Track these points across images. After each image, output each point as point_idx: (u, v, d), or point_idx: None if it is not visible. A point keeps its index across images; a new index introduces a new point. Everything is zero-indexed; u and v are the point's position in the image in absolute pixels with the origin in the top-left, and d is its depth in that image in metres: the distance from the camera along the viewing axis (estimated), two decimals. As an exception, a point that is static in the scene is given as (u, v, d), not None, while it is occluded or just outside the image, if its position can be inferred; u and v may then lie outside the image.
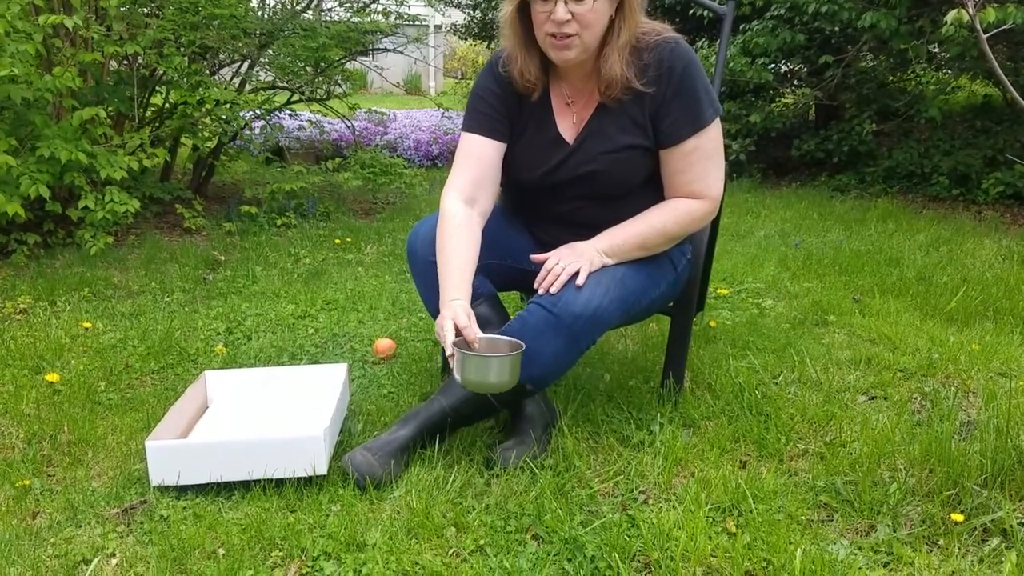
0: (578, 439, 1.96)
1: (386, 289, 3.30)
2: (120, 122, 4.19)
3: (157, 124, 4.56)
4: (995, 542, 1.55)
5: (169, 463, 1.72)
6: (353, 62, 5.58)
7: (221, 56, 4.82)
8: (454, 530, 1.60)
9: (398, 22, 5.46)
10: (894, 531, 1.59)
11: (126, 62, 4.31)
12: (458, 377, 1.68)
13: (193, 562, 1.50)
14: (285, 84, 5.06)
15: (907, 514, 1.65)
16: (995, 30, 2.32)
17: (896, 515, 1.64)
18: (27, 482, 1.77)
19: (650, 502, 1.71)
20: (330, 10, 5.44)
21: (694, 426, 2.05)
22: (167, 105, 4.61)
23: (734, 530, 1.59)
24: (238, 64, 5.04)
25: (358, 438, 1.98)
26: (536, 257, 1.87)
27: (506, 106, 1.93)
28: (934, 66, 6.33)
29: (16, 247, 3.59)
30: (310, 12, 5.21)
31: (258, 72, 5.10)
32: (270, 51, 4.74)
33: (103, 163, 3.53)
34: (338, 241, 4.14)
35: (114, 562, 1.51)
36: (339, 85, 5.43)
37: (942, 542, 1.56)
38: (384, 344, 2.59)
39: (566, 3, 1.71)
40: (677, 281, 2.05)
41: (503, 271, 2.03)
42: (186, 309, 3.03)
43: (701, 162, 1.86)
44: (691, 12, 6.09)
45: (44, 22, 3.34)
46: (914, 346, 2.60)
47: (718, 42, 2.48)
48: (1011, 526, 1.57)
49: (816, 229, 4.50)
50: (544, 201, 1.99)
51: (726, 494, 1.70)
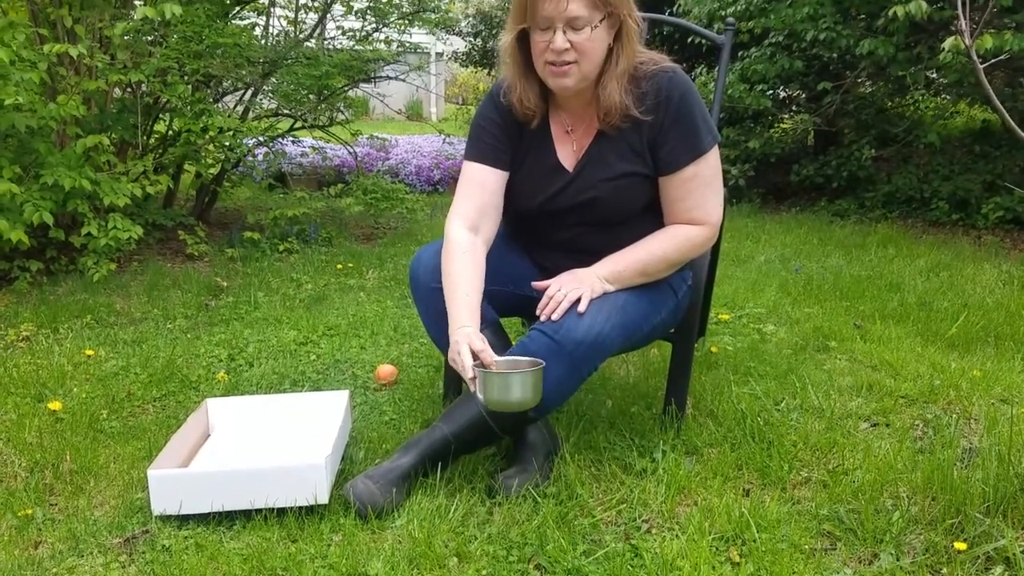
0: (580, 467, 1.96)
1: (388, 314, 3.31)
2: (124, 149, 4.22)
3: (160, 151, 4.60)
4: (999, 571, 1.54)
5: (171, 492, 1.72)
6: (355, 89, 5.63)
7: (225, 84, 4.86)
8: (456, 560, 1.59)
9: (400, 50, 5.51)
10: (897, 560, 1.58)
11: (130, 90, 4.34)
12: (481, 397, 1.70)
13: (194, 592, 1.50)
14: (288, 111, 5.11)
15: (910, 542, 1.65)
16: (993, 59, 2.35)
17: (899, 544, 1.64)
18: (29, 511, 1.77)
19: (653, 531, 1.71)
20: (333, 39, 5.50)
21: (697, 453, 2.05)
22: (170, 132, 4.65)
23: (738, 560, 1.58)
24: (242, 92, 5.08)
25: (360, 466, 1.98)
26: (537, 284, 1.88)
27: (507, 135, 1.96)
28: (932, 92, 6.37)
29: (19, 274, 3.61)
30: (313, 41, 5.27)
31: (261, 100, 5.14)
32: (273, 79, 4.78)
33: (106, 190, 3.55)
34: (340, 266, 4.16)
35: (115, 592, 1.51)
36: (341, 112, 5.47)
37: (945, 571, 1.55)
38: (386, 370, 2.59)
39: (564, 32, 1.74)
40: (678, 307, 2.05)
41: (505, 297, 2.04)
42: (188, 336, 3.03)
43: (700, 189, 1.88)
44: (689, 40, 6.15)
45: (49, 51, 3.38)
46: (915, 372, 2.60)
47: (716, 69, 2.50)
48: (1014, 554, 1.56)
49: (816, 254, 4.51)
50: (545, 228, 2.01)
51: (729, 523, 1.69)
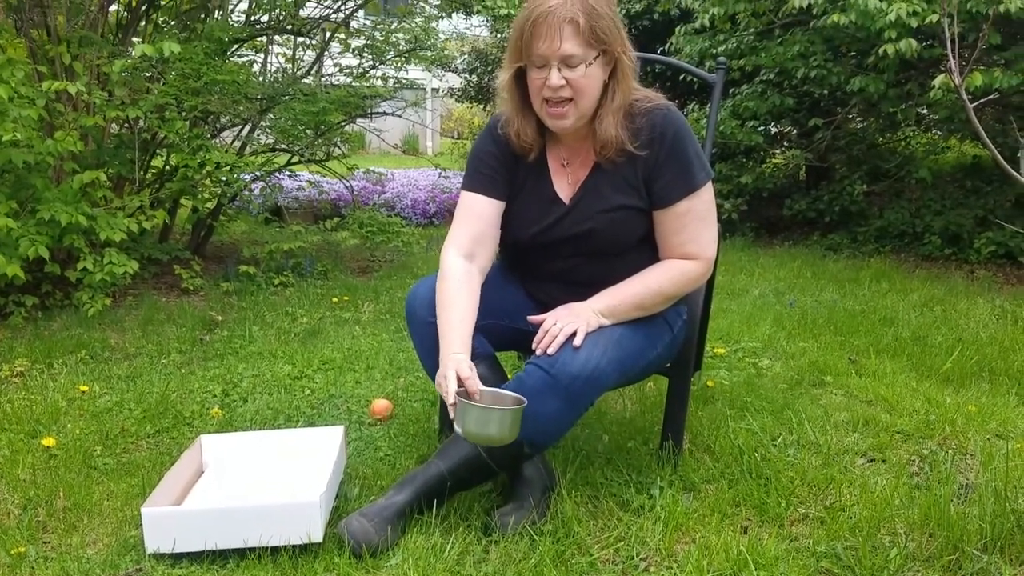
0: (577, 503, 1.95)
1: (383, 348, 3.30)
2: (120, 184, 4.24)
3: (157, 186, 4.61)
4: (999, 609, 1.53)
5: (164, 530, 1.70)
6: (352, 124, 5.67)
7: (223, 120, 4.90)
8: (452, 598, 1.58)
9: (396, 87, 5.57)
10: (896, 598, 1.58)
11: (127, 126, 4.37)
12: (459, 429, 1.68)
13: (187, 633, 1.48)
14: (285, 146, 5.14)
15: (909, 580, 1.64)
16: (984, 97, 2.39)
17: (898, 581, 1.63)
18: (22, 549, 1.75)
19: (651, 569, 1.70)
20: (331, 76, 5.55)
21: (694, 490, 2.04)
22: (167, 167, 4.67)
23: (735, 597, 1.57)
24: (239, 127, 5.11)
25: (354, 503, 1.97)
26: (533, 318, 1.89)
27: (504, 166, 1.98)
28: (923, 128, 6.45)
29: (14, 308, 3.60)
30: (311, 78, 5.32)
31: (259, 135, 5.18)
32: (271, 115, 4.82)
33: (103, 225, 3.56)
34: (335, 300, 4.16)
35: (107, 633, 1.49)
36: (338, 146, 5.51)
37: (945, 609, 1.55)
38: (381, 405, 2.58)
39: (560, 70, 1.77)
40: (674, 342, 2.06)
41: (500, 331, 2.05)
42: (182, 371, 3.02)
43: (694, 223, 1.90)
44: (681, 78, 6.23)
45: (48, 88, 3.40)
46: (911, 407, 2.61)
47: (708, 106, 2.53)
48: (1014, 592, 1.56)
49: (810, 288, 4.53)
50: (541, 260, 2.02)
51: (727, 560, 1.68)
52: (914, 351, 3.22)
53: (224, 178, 4.34)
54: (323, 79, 5.46)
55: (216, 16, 4.72)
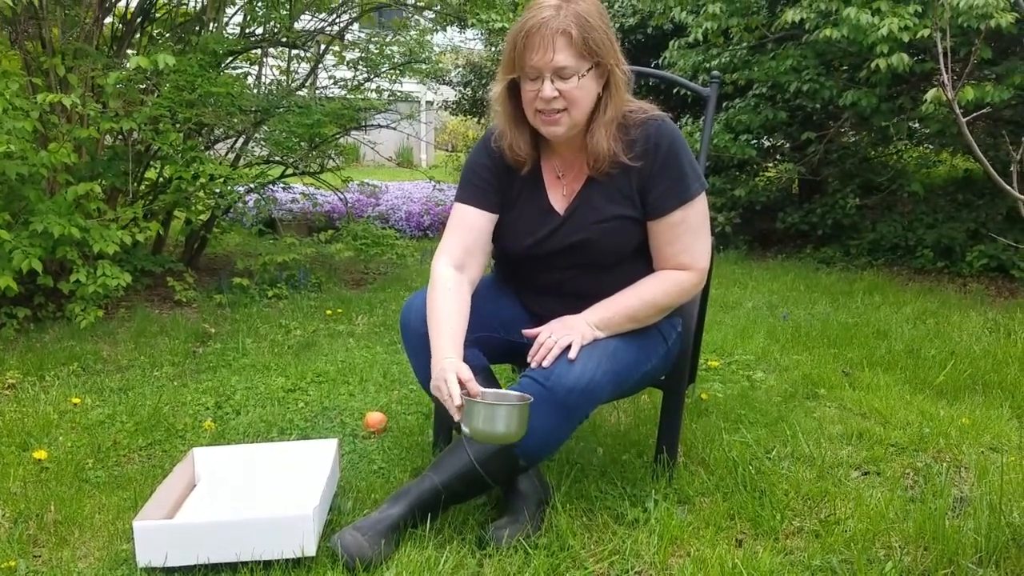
0: (572, 516, 1.94)
1: (377, 361, 3.30)
2: (114, 196, 4.23)
3: (151, 198, 4.60)
4: (994, 623, 1.53)
5: (156, 544, 1.69)
6: (346, 137, 5.68)
7: (217, 132, 4.90)
8: (446, 613, 1.57)
9: (391, 99, 5.58)
10: (892, 611, 1.57)
11: (121, 138, 4.37)
12: (465, 429, 1.68)
13: (179, 648, 1.47)
14: (280, 158, 5.14)
15: (904, 594, 1.64)
16: (976, 112, 2.40)
17: (893, 595, 1.62)
18: (12, 563, 1.74)
19: (645, 582, 1.69)
20: (325, 88, 5.56)
21: (689, 503, 2.04)
22: (161, 179, 4.67)
23: (731, 611, 1.57)
24: (234, 139, 5.11)
25: (348, 516, 1.95)
26: (528, 332, 1.88)
27: (497, 178, 1.99)
28: (915, 142, 6.48)
29: (6, 321, 3.58)
30: (305, 90, 5.33)
31: (253, 147, 5.18)
32: (265, 127, 4.83)
33: (96, 237, 3.55)
34: (329, 312, 4.15)
35: (97, 648, 1.48)
36: (332, 159, 5.51)
37: (941, 623, 1.54)
38: (375, 418, 2.57)
39: (552, 81, 1.77)
40: (668, 354, 2.06)
41: (495, 343, 2.04)
42: (175, 383, 3.01)
43: (688, 234, 1.90)
44: (675, 91, 6.25)
45: (42, 100, 3.40)
46: (905, 420, 2.61)
47: (702, 119, 2.55)
48: (1009, 606, 1.55)
49: (803, 301, 4.54)
50: (535, 271, 2.02)
51: (722, 574, 1.68)
52: (907, 364, 3.23)
53: (218, 190, 4.34)
54: (317, 91, 5.48)
55: (211, 28, 4.73)
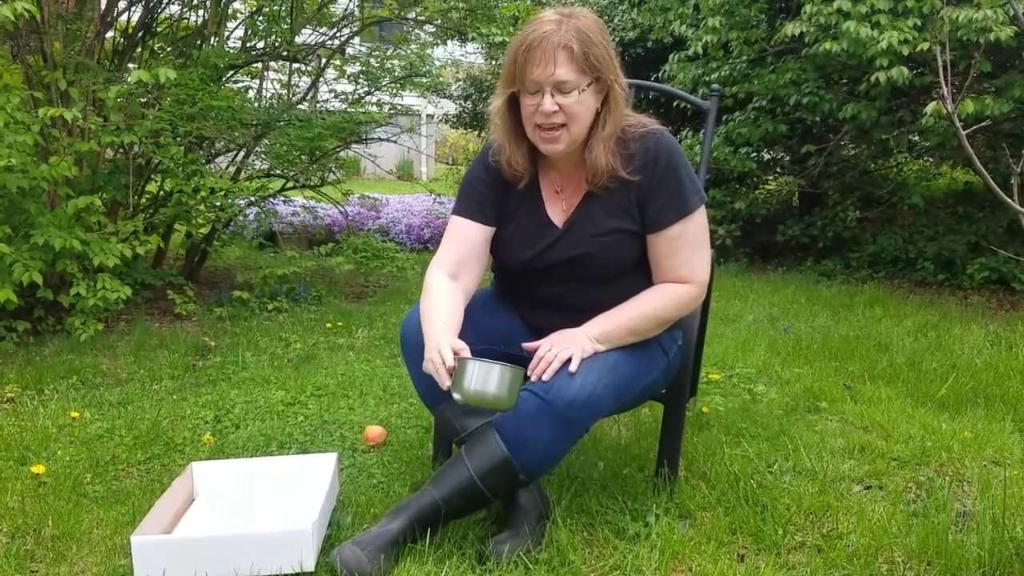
0: (573, 531, 1.93)
1: (377, 374, 3.29)
2: (114, 209, 4.23)
3: (151, 211, 4.61)
4: (998, 639, 1.52)
5: (155, 559, 1.68)
6: (347, 150, 5.69)
7: (218, 145, 4.91)
8: (446, 629, 1.56)
9: (392, 113, 5.59)
10: (895, 627, 1.56)
11: (122, 151, 4.37)
12: (456, 394, 1.69)
13: (176, 665, 1.45)
14: (280, 172, 5.15)
15: (908, 609, 1.62)
16: (976, 125, 2.41)
17: (897, 610, 1.61)
18: (7, 579, 1.73)
19: (646, 598, 1.68)
20: (326, 102, 5.57)
21: (690, 517, 2.03)
22: (162, 193, 4.67)
23: (733, 627, 1.56)
24: (235, 153, 5.12)
25: (347, 531, 1.94)
26: (528, 345, 1.88)
27: (494, 192, 2.00)
28: (915, 154, 6.49)
29: (5, 334, 3.57)
30: (306, 103, 5.34)
31: (254, 160, 5.19)
32: (266, 140, 4.83)
33: (96, 250, 3.55)
34: (329, 325, 4.14)
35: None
36: (333, 172, 5.52)
37: (945, 639, 1.53)
38: (374, 432, 2.56)
39: (552, 96, 1.78)
40: (669, 367, 2.05)
41: (495, 357, 2.03)
42: (174, 397, 3.00)
43: (687, 247, 1.90)
44: (675, 104, 6.27)
45: (44, 115, 3.40)
46: (907, 434, 2.60)
47: (702, 132, 2.55)
48: (1014, 622, 1.54)
49: (804, 314, 4.53)
50: (534, 285, 2.02)
51: (723, 589, 1.67)
52: (909, 377, 3.22)
53: (218, 203, 4.34)
54: (318, 105, 5.49)
55: (212, 42, 4.75)
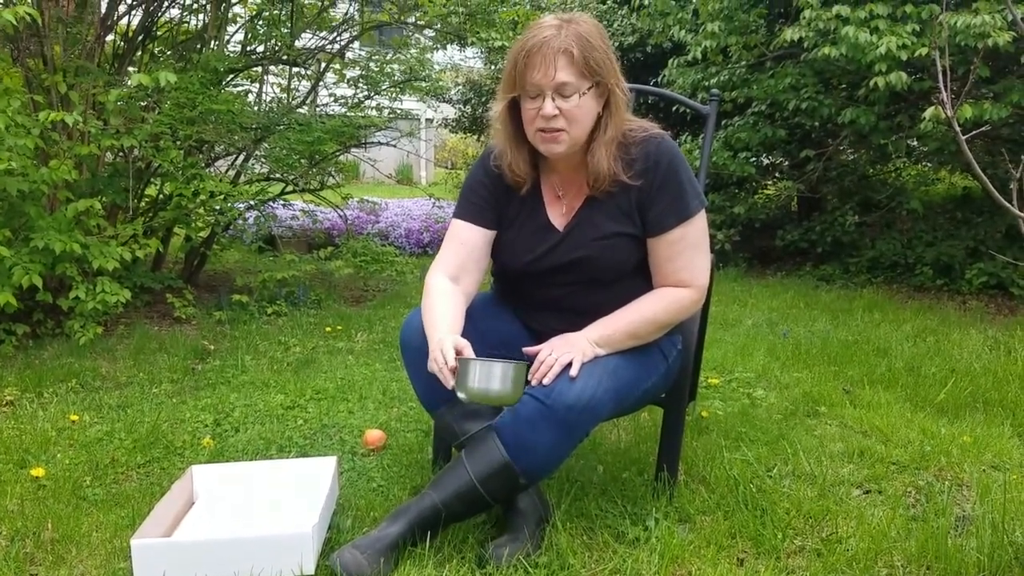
0: (572, 535, 1.93)
1: (377, 378, 3.29)
2: (114, 213, 4.23)
3: (151, 215, 4.61)
4: (998, 643, 1.52)
5: (154, 562, 1.68)
6: (347, 154, 5.69)
7: (217, 149, 4.91)
8: (446, 632, 1.56)
9: (391, 117, 5.60)
10: (895, 632, 1.56)
11: (122, 155, 4.37)
12: (461, 394, 1.70)
13: (176, 668, 1.45)
14: (280, 175, 5.15)
15: (907, 613, 1.62)
16: (974, 130, 2.41)
17: (896, 615, 1.61)
18: (7, 583, 1.73)
19: (646, 602, 1.68)
20: (326, 106, 5.58)
21: (690, 521, 2.03)
22: (161, 196, 4.67)
23: (732, 631, 1.56)
24: (234, 156, 5.13)
25: (347, 534, 1.94)
26: (529, 349, 1.89)
27: (495, 196, 2.01)
28: (913, 159, 6.50)
29: (5, 337, 3.57)
30: (306, 107, 5.35)
31: (253, 164, 5.19)
32: (266, 144, 4.84)
33: (96, 254, 3.55)
34: (329, 329, 4.14)
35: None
36: (332, 176, 5.52)
37: (944, 643, 1.53)
38: (374, 435, 2.56)
39: (553, 99, 1.79)
40: (669, 372, 2.06)
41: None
42: (174, 400, 3.00)
43: (687, 251, 1.90)
44: (675, 109, 6.28)
45: (44, 119, 3.41)
46: (906, 438, 2.60)
47: (702, 137, 2.56)
48: (1013, 626, 1.54)
49: (803, 318, 4.53)
50: (535, 288, 2.02)
51: (723, 593, 1.67)
52: (908, 382, 3.22)
53: (218, 207, 4.34)
54: (318, 109, 5.49)
55: (212, 46, 4.75)
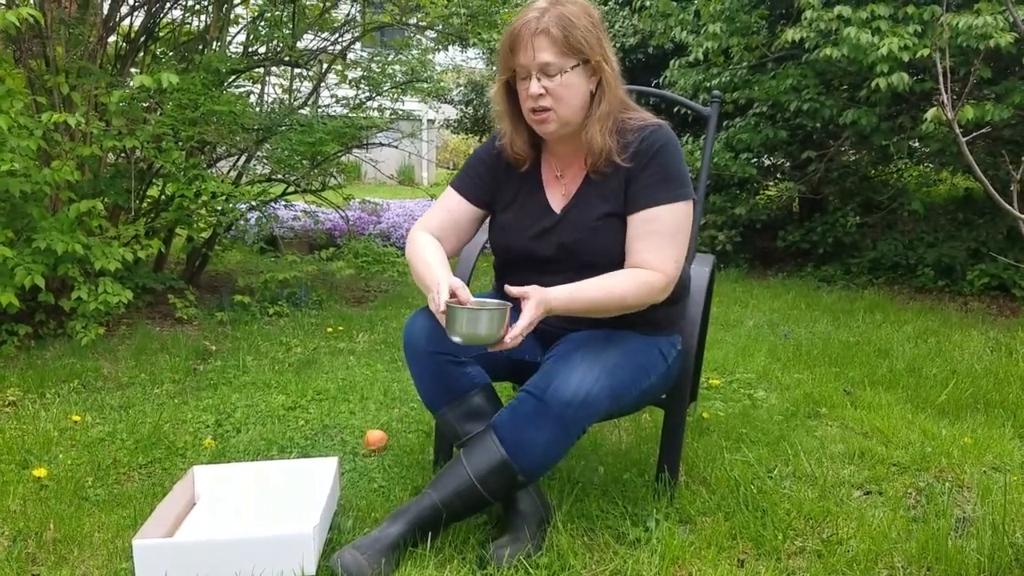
0: (573, 536, 1.94)
1: (378, 378, 3.29)
2: (116, 213, 4.24)
3: (153, 215, 4.62)
4: (998, 644, 1.52)
5: (156, 563, 1.68)
6: (348, 155, 5.70)
7: (219, 150, 4.92)
8: (447, 633, 1.56)
9: (393, 118, 5.61)
10: (895, 633, 1.56)
11: (124, 155, 4.38)
12: (452, 336, 1.74)
13: (177, 668, 1.46)
14: (281, 176, 5.15)
15: (908, 615, 1.63)
16: (976, 131, 2.41)
17: (896, 616, 1.61)
18: (9, 583, 1.73)
19: (646, 602, 1.68)
20: (327, 107, 5.59)
21: (690, 522, 2.03)
22: (163, 197, 4.68)
23: (733, 632, 1.56)
24: (236, 157, 5.13)
25: (348, 535, 1.95)
26: (512, 290, 1.81)
27: (493, 176, 2.06)
28: (915, 160, 6.49)
29: (7, 338, 3.58)
30: (308, 108, 5.35)
31: (255, 165, 5.20)
32: (267, 145, 4.84)
33: (98, 254, 3.56)
34: (330, 330, 4.15)
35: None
36: (334, 177, 5.53)
37: (944, 644, 1.53)
38: (375, 436, 2.57)
39: (539, 79, 1.84)
40: (668, 372, 2.06)
41: (497, 361, 2.04)
42: (175, 401, 3.00)
43: (656, 235, 1.88)
44: (676, 110, 6.27)
45: (47, 120, 3.41)
46: (907, 440, 2.60)
47: (703, 138, 2.56)
48: (1013, 627, 1.54)
49: (804, 319, 4.53)
50: (532, 276, 2.01)
51: (724, 594, 1.67)
52: (909, 383, 3.22)
53: (220, 208, 4.35)
54: (320, 110, 5.50)
55: (214, 47, 4.76)
